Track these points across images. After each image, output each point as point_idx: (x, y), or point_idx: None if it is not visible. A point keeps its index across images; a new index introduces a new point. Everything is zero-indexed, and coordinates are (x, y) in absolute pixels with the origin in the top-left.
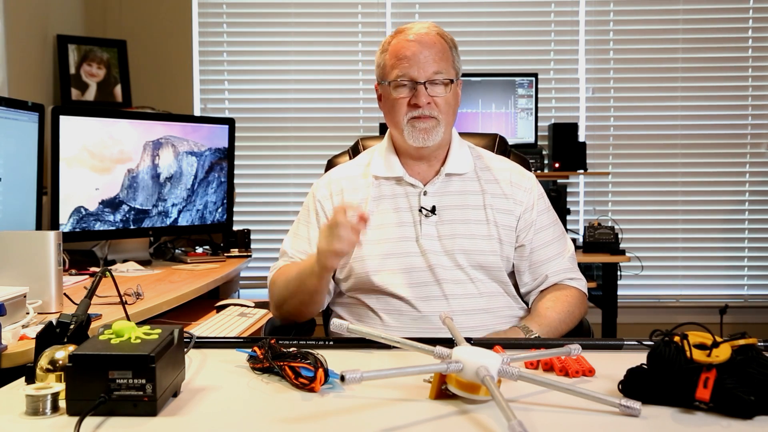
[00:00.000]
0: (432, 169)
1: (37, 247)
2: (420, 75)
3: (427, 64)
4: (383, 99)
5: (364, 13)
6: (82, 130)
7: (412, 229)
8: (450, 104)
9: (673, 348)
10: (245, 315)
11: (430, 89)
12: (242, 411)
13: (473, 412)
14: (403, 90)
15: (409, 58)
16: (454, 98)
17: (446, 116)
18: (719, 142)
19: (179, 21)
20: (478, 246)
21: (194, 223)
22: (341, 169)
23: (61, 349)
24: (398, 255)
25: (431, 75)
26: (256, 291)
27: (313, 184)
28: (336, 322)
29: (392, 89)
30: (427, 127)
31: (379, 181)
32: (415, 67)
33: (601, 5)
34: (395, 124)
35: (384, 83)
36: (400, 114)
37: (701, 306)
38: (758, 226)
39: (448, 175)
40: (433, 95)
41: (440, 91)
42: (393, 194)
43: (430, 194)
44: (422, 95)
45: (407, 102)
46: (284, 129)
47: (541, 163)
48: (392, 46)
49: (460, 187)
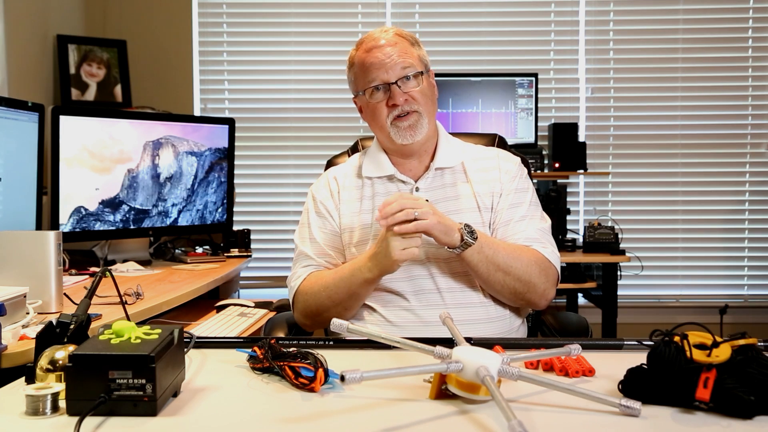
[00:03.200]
0: (422, 165)
1: (37, 247)
2: (390, 76)
3: (392, 64)
4: (364, 109)
5: (364, 14)
6: (82, 130)
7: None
8: (427, 95)
9: (673, 348)
10: (245, 315)
11: (403, 86)
12: (242, 411)
13: (473, 412)
14: (378, 94)
15: (375, 64)
16: (430, 88)
17: (426, 107)
18: (719, 142)
19: (179, 21)
20: None
21: (194, 223)
22: (335, 169)
23: (61, 349)
24: None
25: (400, 72)
26: (256, 291)
27: (311, 187)
28: (336, 322)
29: (369, 97)
30: (411, 124)
31: (371, 180)
32: (382, 70)
33: (601, 5)
34: (380, 128)
35: (360, 94)
36: (381, 117)
37: (701, 306)
38: (758, 226)
39: (438, 169)
40: (407, 90)
41: (413, 84)
42: (386, 192)
43: (422, 189)
44: (397, 94)
45: (385, 104)
46: (284, 129)
47: (541, 163)
48: (357, 59)
49: (451, 179)
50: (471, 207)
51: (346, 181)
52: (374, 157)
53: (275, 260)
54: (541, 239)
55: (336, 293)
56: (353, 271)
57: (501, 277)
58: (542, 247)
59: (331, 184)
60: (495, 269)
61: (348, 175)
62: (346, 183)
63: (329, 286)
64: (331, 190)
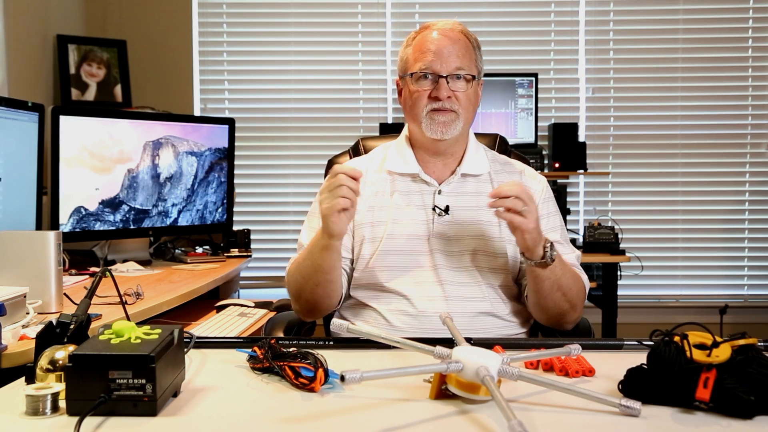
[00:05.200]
0: (448, 169)
1: (37, 247)
2: (442, 69)
3: (450, 58)
4: (404, 92)
5: (364, 13)
6: (82, 130)
7: (425, 227)
8: (470, 100)
9: (673, 348)
10: (245, 315)
11: (451, 83)
12: (242, 411)
13: (473, 412)
14: (424, 82)
15: (432, 52)
16: (475, 96)
17: (466, 111)
18: (719, 142)
19: (179, 21)
20: (488, 248)
21: (194, 223)
22: (355, 162)
23: (61, 349)
24: (406, 252)
25: (453, 69)
26: (256, 291)
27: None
28: (336, 322)
29: (414, 81)
30: (446, 120)
31: (393, 176)
32: (438, 61)
33: (601, 5)
34: (414, 117)
35: (406, 76)
36: (420, 105)
37: (701, 306)
38: (758, 226)
39: (463, 175)
40: (455, 90)
41: (461, 86)
42: (407, 191)
43: (444, 193)
44: (443, 88)
45: (428, 94)
46: (284, 129)
47: (541, 163)
48: (417, 41)
49: (475, 188)
50: (490, 221)
51: (368, 176)
52: (401, 151)
53: (275, 260)
54: (578, 266)
55: (304, 267)
56: (313, 240)
57: (558, 297)
58: (582, 274)
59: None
60: (557, 289)
61: (369, 169)
62: (368, 177)
63: (300, 261)
64: None
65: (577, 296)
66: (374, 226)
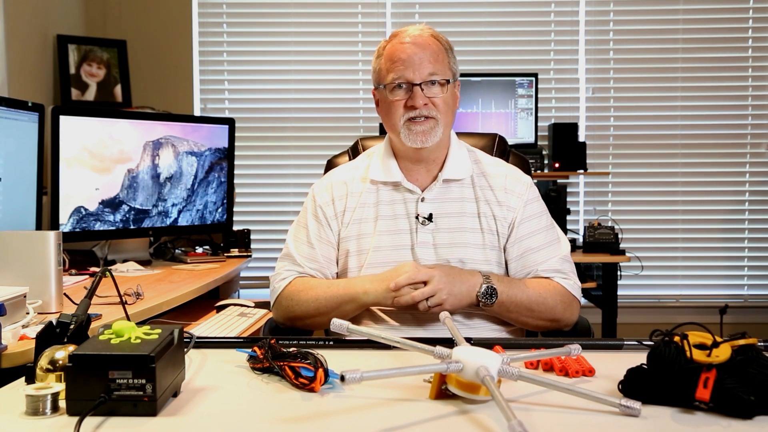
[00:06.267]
0: (430, 175)
1: (37, 247)
2: (415, 76)
3: (422, 65)
4: (380, 103)
5: (364, 14)
6: (82, 130)
7: (408, 237)
8: (448, 104)
9: (673, 348)
10: (245, 315)
11: (426, 90)
12: (242, 411)
13: (473, 412)
14: (399, 92)
15: (404, 61)
16: (452, 99)
17: (445, 116)
18: (719, 142)
19: (179, 21)
20: (472, 255)
21: (194, 223)
22: (340, 172)
23: (61, 349)
24: (392, 263)
25: (427, 76)
26: (256, 291)
27: (313, 186)
28: (336, 322)
29: (388, 92)
30: (425, 129)
31: (377, 185)
32: (410, 69)
33: (601, 5)
34: (392, 127)
35: (380, 87)
36: (396, 116)
37: (701, 306)
38: (758, 226)
39: (445, 181)
40: (430, 96)
41: (437, 91)
42: (391, 200)
43: (427, 200)
44: (418, 97)
45: (404, 104)
46: (284, 129)
47: (541, 163)
48: (387, 51)
49: (458, 193)
50: (474, 227)
51: (353, 186)
52: (383, 160)
53: (275, 260)
54: (562, 269)
55: (326, 306)
56: (349, 292)
57: (526, 319)
58: (564, 278)
59: (334, 189)
60: (525, 311)
61: (354, 179)
62: (352, 188)
63: (320, 298)
64: (333, 195)
65: (551, 312)
66: (360, 238)
